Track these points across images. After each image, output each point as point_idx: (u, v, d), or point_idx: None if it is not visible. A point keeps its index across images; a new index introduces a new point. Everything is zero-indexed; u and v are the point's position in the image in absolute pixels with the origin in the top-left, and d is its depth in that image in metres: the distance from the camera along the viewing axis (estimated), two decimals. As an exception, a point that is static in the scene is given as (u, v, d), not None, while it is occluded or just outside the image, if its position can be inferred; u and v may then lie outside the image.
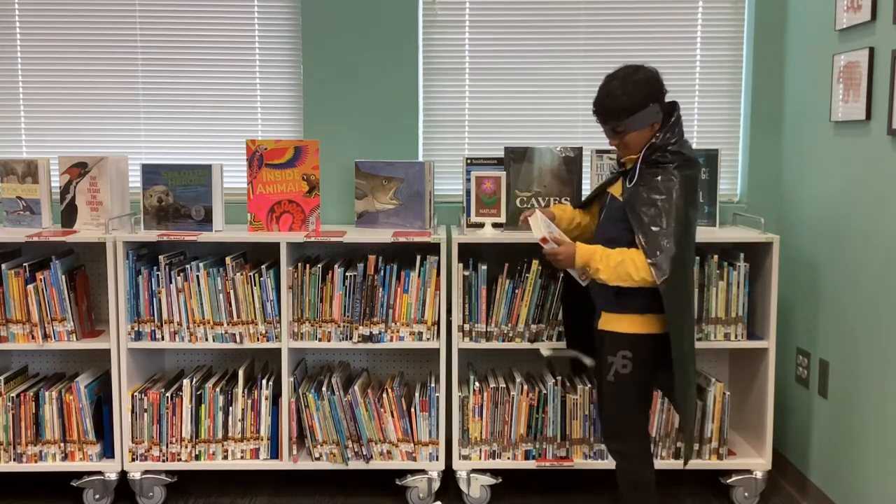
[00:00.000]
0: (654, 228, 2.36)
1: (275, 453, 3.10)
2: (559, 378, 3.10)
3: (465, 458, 3.09)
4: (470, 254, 3.09)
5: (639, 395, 2.55)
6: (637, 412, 2.57)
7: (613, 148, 2.58)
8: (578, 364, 2.99)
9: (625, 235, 2.44)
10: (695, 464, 3.10)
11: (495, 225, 3.14)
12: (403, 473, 3.11)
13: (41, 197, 3.25)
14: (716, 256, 3.04)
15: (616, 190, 2.55)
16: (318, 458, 3.09)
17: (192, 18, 3.49)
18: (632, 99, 2.41)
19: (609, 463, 2.98)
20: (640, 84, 2.42)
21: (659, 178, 2.40)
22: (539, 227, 2.52)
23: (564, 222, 2.72)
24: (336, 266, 3.06)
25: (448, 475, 3.13)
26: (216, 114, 3.53)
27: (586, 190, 3.25)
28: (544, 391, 3.08)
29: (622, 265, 2.38)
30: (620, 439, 2.57)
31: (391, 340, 3.07)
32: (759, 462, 3.11)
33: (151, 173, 3.16)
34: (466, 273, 3.03)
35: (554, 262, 2.52)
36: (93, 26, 3.49)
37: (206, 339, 3.05)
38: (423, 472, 3.08)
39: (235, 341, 3.06)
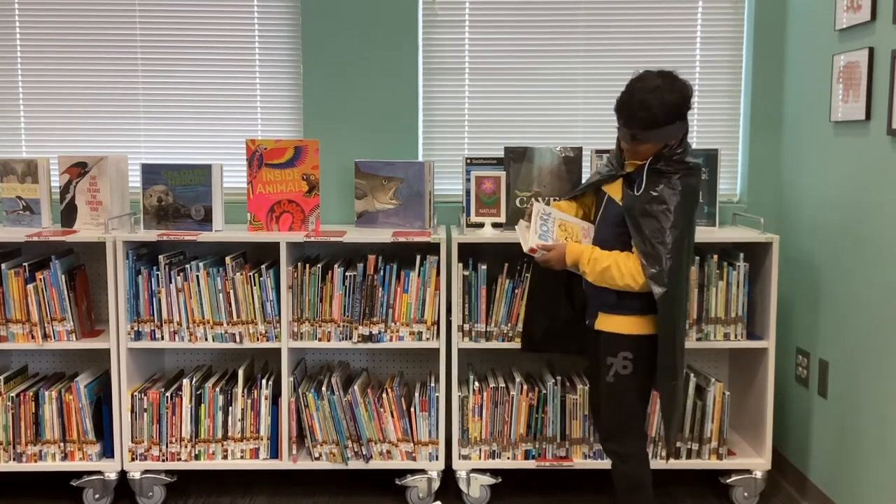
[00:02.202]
0: (654, 242, 2.36)
1: (274, 453, 3.10)
2: (559, 378, 3.10)
3: (465, 457, 3.09)
4: (470, 254, 3.09)
5: (637, 396, 2.55)
6: (636, 413, 2.57)
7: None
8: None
9: (619, 240, 2.46)
10: (695, 464, 3.10)
11: (495, 225, 3.14)
12: (403, 473, 3.11)
13: (41, 197, 3.25)
14: (715, 256, 3.04)
15: (614, 192, 2.54)
16: (317, 458, 3.09)
17: (192, 18, 3.49)
18: (663, 115, 2.36)
19: (608, 462, 2.98)
20: (674, 101, 2.37)
21: (661, 187, 2.39)
22: (527, 238, 2.53)
23: (566, 210, 2.74)
24: (336, 266, 3.06)
25: (448, 475, 3.13)
26: (216, 114, 3.53)
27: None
28: (544, 391, 3.08)
29: (608, 271, 2.42)
30: (619, 441, 2.57)
31: (391, 340, 3.07)
32: (758, 462, 3.11)
33: (151, 173, 3.16)
34: (466, 273, 3.03)
35: (547, 267, 2.56)
36: (93, 26, 3.49)
37: (206, 339, 3.05)
38: (422, 471, 3.08)
39: (235, 341, 3.06)
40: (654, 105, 2.35)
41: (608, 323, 2.53)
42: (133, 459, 3.07)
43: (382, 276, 3.03)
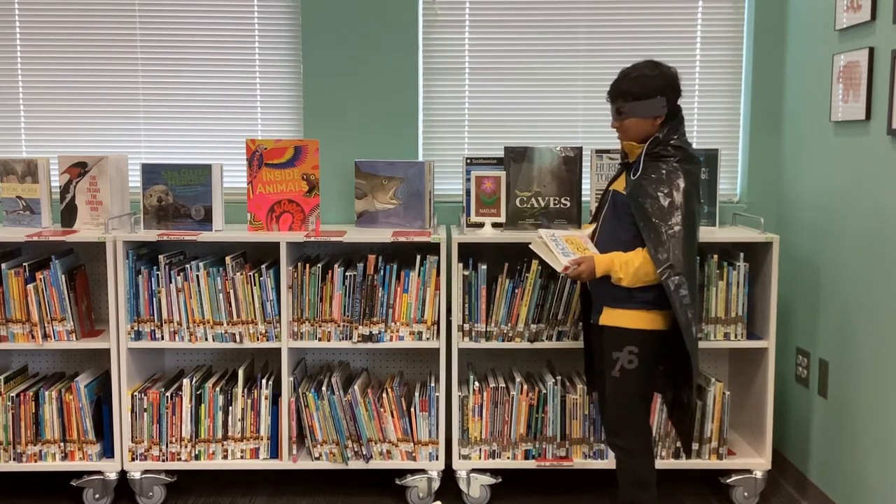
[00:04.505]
0: (658, 223, 2.40)
1: (274, 453, 3.10)
2: (559, 378, 3.10)
3: (465, 457, 3.09)
4: (470, 253, 3.09)
5: (642, 391, 2.56)
6: (640, 408, 2.58)
7: (613, 147, 2.60)
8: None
9: (631, 230, 2.47)
10: (695, 464, 3.10)
11: (495, 225, 3.14)
12: (403, 473, 3.11)
13: (41, 197, 3.25)
14: (716, 256, 3.04)
15: (619, 185, 2.58)
16: (317, 458, 3.09)
17: (192, 18, 3.49)
18: (643, 85, 2.49)
19: (609, 462, 2.99)
20: (655, 76, 2.50)
21: (662, 171, 2.44)
22: (554, 257, 2.53)
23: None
24: (336, 266, 3.06)
25: (448, 475, 3.13)
26: (216, 114, 3.53)
27: (586, 190, 3.25)
28: (544, 391, 3.08)
29: (642, 268, 2.42)
30: (624, 435, 2.57)
31: (391, 340, 3.07)
32: (758, 462, 3.11)
33: (151, 173, 3.15)
34: (466, 273, 3.03)
35: (579, 279, 2.57)
36: (93, 25, 3.49)
37: (206, 339, 3.05)
38: (422, 471, 3.08)
39: (235, 341, 3.06)
40: (634, 76, 2.51)
41: (614, 317, 2.54)
42: (133, 459, 3.07)
43: (382, 275, 3.03)
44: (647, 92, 2.48)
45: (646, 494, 2.56)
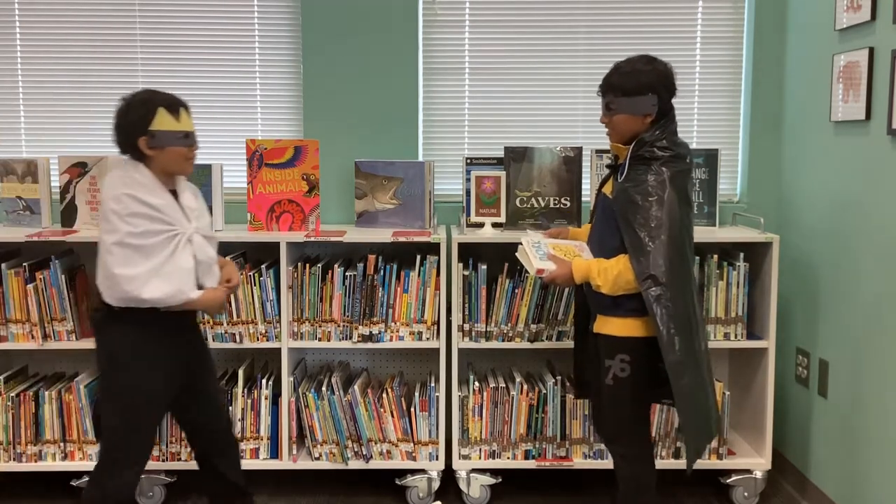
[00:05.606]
0: (640, 231, 2.34)
1: (275, 453, 3.10)
2: (559, 378, 3.10)
3: (465, 457, 3.09)
4: (470, 253, 3.09)
5: (638, 398, 2.52)
6: (636, 415, 2.54)
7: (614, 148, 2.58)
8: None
9: (619, 235, 2.41)
10: (695, 463, 3.10)
11: (495, 225, 3.14)
12: (403, 473, 3.11)
13: (41, 197, 3.25)
14: (715, 256, 3.04)
15: (608, 189, 2.53)
16: (317, 458, 3.09)
17: (192, 18, 3.49)
18: (634, 80, 2.41)
19: (608, 462, 2.98)
20: (648, 72, 2.42)
21: (647, 176, 2.36)
22: (530, 261, 2.52)
23: (582, 236, 2.72)
24: (336, 266, 3.06)
25: (448, 475, 3.13)
26: (216, 114, 3.53)
27: (586, 190, 3.25)
28: (544, 391, 3.08)
29: (620, 276, 2.37)
30: (621, 442, 2.55)
31: (391, 340, 3.07)
32: (758, 462, 3.11)
33: (151, 173, 3.15)
34: (466, 273, 3.03)
35: (555, 284, 2.55)
36: (93, 25, 3.49)
37: (206, 339, 3.04)
38: (422, 471, 3.08)
39: (235, 341, 3.06)
40: (626, 70, 2.43)
41: (606, 325, 2.50)
42: (133, 459, 3.07)
43: (382, 276, 3.03)
44: (637, 88, 2.40)
45: (645, 497, 2.55)
